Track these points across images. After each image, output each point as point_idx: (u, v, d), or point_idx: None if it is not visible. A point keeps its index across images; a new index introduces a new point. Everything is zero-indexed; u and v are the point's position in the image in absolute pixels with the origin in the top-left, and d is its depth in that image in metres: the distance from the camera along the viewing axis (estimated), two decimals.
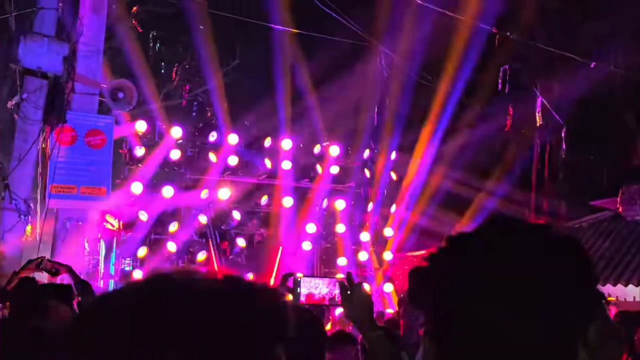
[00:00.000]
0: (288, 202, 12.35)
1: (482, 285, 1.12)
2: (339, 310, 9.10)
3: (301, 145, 12.81)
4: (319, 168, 12.77)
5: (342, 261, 12.62)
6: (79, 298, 4.54)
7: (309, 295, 2.74)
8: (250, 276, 11.47)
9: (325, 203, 12.89)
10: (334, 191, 12.97)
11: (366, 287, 2.84)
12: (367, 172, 13.28)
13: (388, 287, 12.74)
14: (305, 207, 12.69)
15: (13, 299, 4.62)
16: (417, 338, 4.39)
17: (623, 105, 20.68)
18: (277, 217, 12.67)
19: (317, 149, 12.78)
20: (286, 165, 12.33)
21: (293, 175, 12.48)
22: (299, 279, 2.75)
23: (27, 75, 9.17)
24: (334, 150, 12.74)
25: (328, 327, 8.46)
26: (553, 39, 20.86)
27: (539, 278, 1.13)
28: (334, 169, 12.85)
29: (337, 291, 2.74)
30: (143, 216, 11.18)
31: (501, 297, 1.11)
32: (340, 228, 12.87)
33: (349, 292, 2.64)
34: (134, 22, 11.65)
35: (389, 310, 10.85)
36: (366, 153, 13.31)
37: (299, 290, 2.73)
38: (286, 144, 12.35)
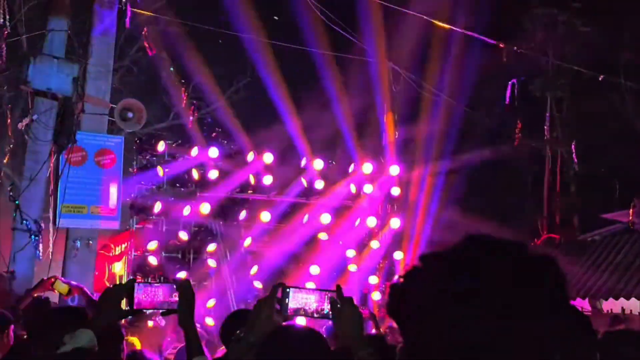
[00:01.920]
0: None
1: (453, 303, 1.14)
2: None
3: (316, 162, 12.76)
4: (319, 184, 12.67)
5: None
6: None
7: (298, 309, 2.71)
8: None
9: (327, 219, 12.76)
10: (343, 208, 12.89)
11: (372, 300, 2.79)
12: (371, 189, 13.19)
13: None
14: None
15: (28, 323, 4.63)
16: None
17: (634, 117, 20.61)
18: (287, 234, 12.60)
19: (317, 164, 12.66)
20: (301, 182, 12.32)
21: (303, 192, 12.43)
22: (287, 290, 2.70)
23: (37, 96, 9.30)
24: (353, 166, 12.85)
25: None
26: (563, 52, 20.90)
27: (512, 296, 1.13)
28: (345, 186, 12.83)
29: (327, 306, 2.70)
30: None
31: (471, 313, 1.12)
32: (350, 252, 12.75)
33: (339, 308, 2.62)
34: (144, 43, 11.74)
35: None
36: (369, 168, 13.16)
37: (287, 302, 2.69)
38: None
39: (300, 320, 2.96)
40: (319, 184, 12.39)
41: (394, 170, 13.03)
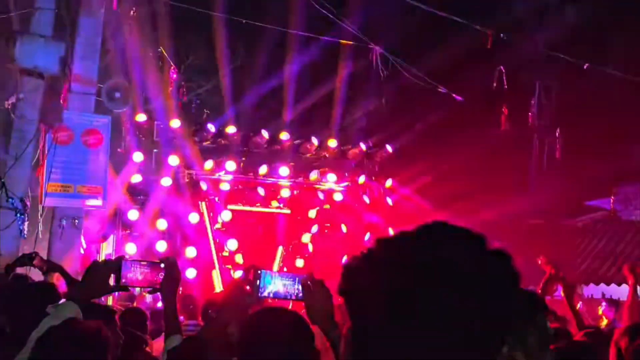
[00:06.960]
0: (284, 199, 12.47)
1: (412, 282, 1.15)
2: None
3: (296, 143, 12.85)
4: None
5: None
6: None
7: (271, 292, 2.76)
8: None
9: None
10: (332, 190, 13.00)
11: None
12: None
13: None
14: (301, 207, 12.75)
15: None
16: None
17: (619, 106, 20.71)
18: (274, 217, 12.72)
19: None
20: (283, 166, 12.43)
21: (291, 174, 12.53)
22: (259, 273, 2.74)
23: (24, 75, 9.27)
24: (332, 143, 12.92)
25: None
26: (550, 40, 20.92)
27: (467, 282, 1.15)
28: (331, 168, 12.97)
29: (299, 288, 2.75)
30: (133, 216, 11.35)
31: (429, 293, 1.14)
32: (343, 228, 12.93)
33: (310, 290, 2.68)
34: (131, 22, 11.71)
35: None
36: (362, 147, 13.25)
37: (258, 283, 2.73)
38: (284, 136, 12.60)
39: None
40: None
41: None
